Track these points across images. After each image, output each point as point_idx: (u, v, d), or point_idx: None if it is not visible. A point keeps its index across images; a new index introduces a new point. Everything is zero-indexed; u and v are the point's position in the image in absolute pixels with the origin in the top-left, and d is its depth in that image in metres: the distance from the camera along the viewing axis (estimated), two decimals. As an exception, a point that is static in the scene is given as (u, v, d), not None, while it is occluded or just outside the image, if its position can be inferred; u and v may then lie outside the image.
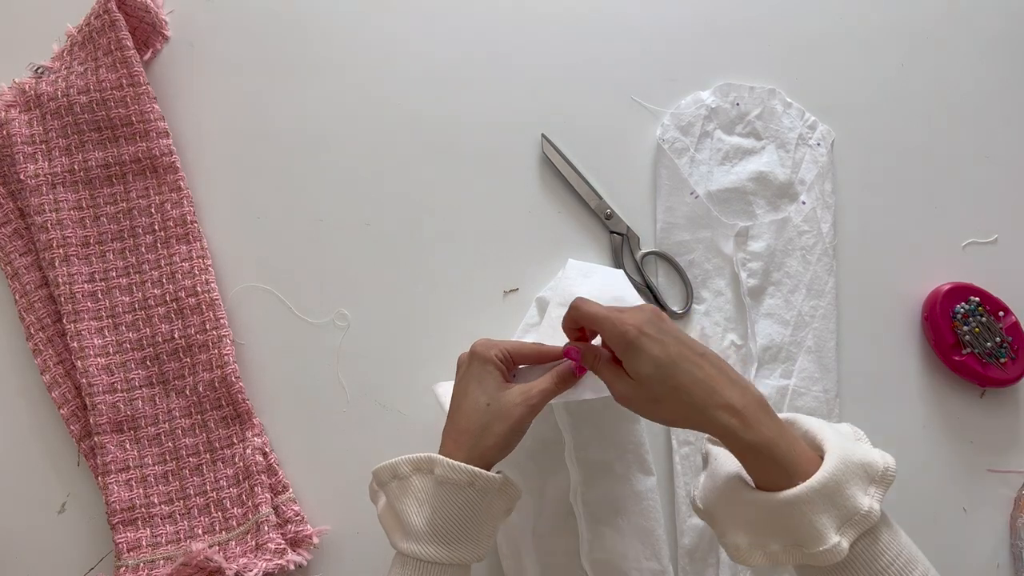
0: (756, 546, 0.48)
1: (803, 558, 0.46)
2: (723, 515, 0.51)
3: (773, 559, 0.47)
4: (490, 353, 0.54)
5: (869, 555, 0.45)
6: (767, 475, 0.47)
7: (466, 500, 0.50)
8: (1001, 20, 0.80)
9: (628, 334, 0.50)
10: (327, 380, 0.71)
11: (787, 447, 0.47)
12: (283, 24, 0.78)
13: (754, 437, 0.47)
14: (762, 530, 0.48)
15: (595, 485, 0.67)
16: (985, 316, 0.71)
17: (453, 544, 0.50)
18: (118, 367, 0.70)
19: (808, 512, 0.45)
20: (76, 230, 0.72)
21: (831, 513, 0.45)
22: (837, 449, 0.47)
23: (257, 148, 0.76)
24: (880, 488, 0.46)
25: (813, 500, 0.45)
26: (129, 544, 0.66)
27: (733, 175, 0.75)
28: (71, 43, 0.75)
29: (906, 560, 0.45)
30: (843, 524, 0.45)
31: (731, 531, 0.50)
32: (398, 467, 0.53)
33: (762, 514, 0.47)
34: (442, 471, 0.50)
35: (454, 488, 0.50)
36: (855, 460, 0.46)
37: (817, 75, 0.78)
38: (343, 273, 0.74)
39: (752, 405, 0.48)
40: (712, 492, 0.52)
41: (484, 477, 0.51)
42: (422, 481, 0.52)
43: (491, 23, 0.78)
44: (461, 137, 0.76)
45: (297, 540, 0.67)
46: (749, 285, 0.72)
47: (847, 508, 0.45)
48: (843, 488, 0.45)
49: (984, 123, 0.78)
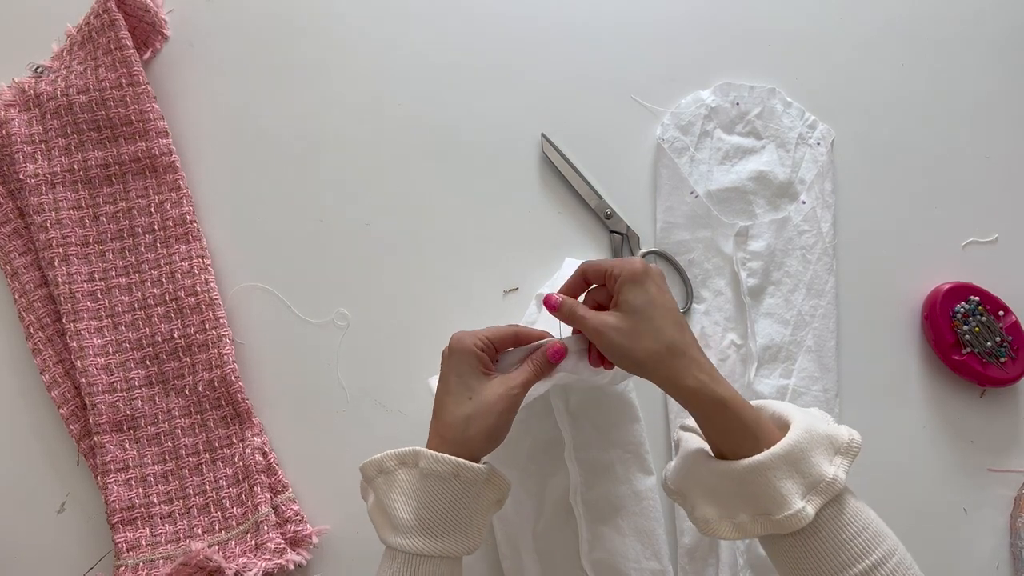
0: (724, 517, 0.49)
1: (770, 526, 0.47)
2: (691, 490, 0.52)
3: (742, 530, 0.48)
4: (468, 343, 0.54)
5: (835, 524, 0.46)
6: (732, 438, 0.48)
7: (452, 491, 0.50)
8: (1001, 20, 0.80)
9: (637, 268, 0.52)
10: (327, 380, 0.71)
11: (751, 412, 0.49)
12: (283, 24, 0.78)
13: (723, 392, 0.49)
14: (729, 500, 0.49)
15: (595, 485, 0.67)
16: (985, 316, 0.71)
17: (441, 536, 0.50)
18: (117, 367, 0.69)
19: (773, 478, 0.46)
20: (75, 229, 0.72)
21: (796, 480, 0.46)
22: (802, 422, 0.48)
23: (257, 148, 0.76)
24: (845, 459, 0.47)
25: (778, 466, 0.46)
26: (128, 544, 0.66)
27: (733, 174, 0.75)
28: (71, 43, 0.75)
29: (872, 534, 0.46)
30: (808, 491, 0.46)
31: (700, 505, 0.51)
32: (384, 462, 0.53)
33: (728, 484, 0.48)
34: (427, 463, 0.51)
35: (439, 480, 0.50)
36: (820, 432, 0.48)
37: (817, 75, 0.78)
38: (343, 273, 0.73)
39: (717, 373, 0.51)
40: (680, 470, 0.54)
41: (469, 468, 0.50)
42: (408, 474, 0.52)
43: (491, 23, 0.78)
44: (461, 137, 0.76)
45: (297, 540, 0.67)
46: (749, 284, 0.72)
47: (812, 475, 0.46)
48: (808, 455, 0.46)
49: (984, 123, 0.78)
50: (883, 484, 0.69)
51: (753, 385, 0.70)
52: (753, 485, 0.47)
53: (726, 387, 0.50)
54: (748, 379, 0.70)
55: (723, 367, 0.71)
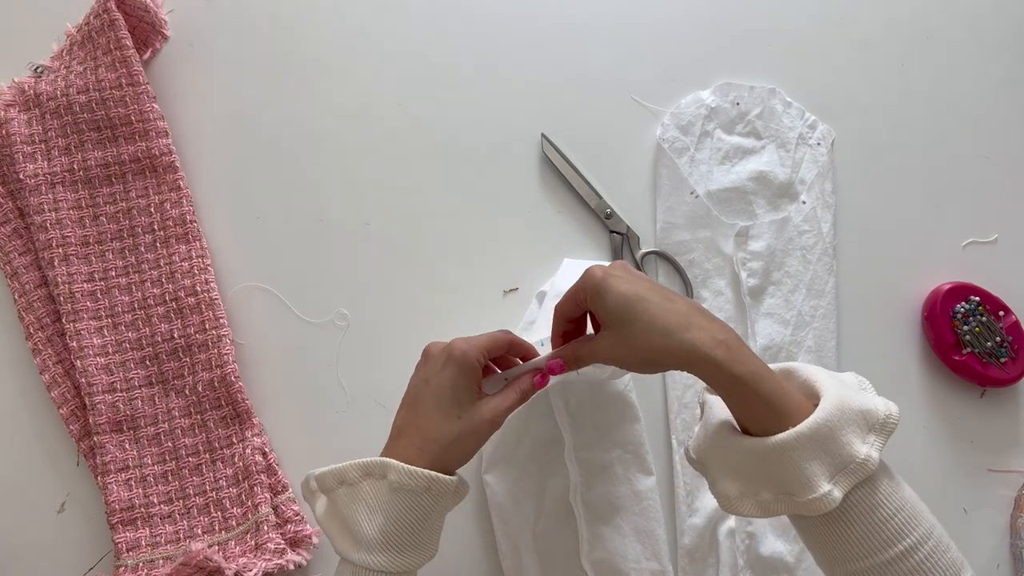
0: (747, 494, 0.46)
1: (794, 507, 0.44)
2: (713, 463, 0.49)
3: (764, 508, 0.45)
4: (472, 358, 0.51)
5: (866, 506, 0.43)
6: (754, 415, 0.45)
7: (420, 505, 0.49)
8: (1001, 20, 0.80)
9: (594, 277, 0.49)
10: (327, 380, 0.71)
11: (775, 385, 0.45)
12: (283, 24, 0.78)
13: (739, 369, 0.45)
14: (752, 478, 0.46)
15: (595, 485, 0.67)
16: (985, 316, 0.71)
17: (405, 551, 0.48)
18: (117, 367, 0.69)
19: (798, 459, 0.43)
20: (75, 229, 0.72)
21: (823, 460, 0.43)
22: (833, 396, 0.44)
23: (257, 148, 0.76)
24: (880, 436, 0.44)
25: (804, 446, 0.43)
26: (128, 544, 0.66)
27: (733, 175, 0.75)
28: (70, 42, 0.75)
29: (908, 515, 0.43)
30: (837, 472, 0.43)
31: (721, 479, 0.48)
32: (346, 472, 0.50)
33: (752, 461, 0.45)
34: (397, 477, 0.48)
35: (409, 494, 0.48)
36: (853, 406, 0.44)
37: (817, 75, 0.78)
38: (343, 273, 0.73)
39: (733, 339, 0.46)
40: (704, 440, 0.50)
41: (441, 482, 0.49)
42: (374, 487, 0.49)
43: (491, 23, 0.78)
44: (461, 137, 0.76)
45: (296, 540, 0.67)
46: (749, 285, 0.72)
47: (841, 456, 0.43)
48: (837, 435, 0.43)
49: (984, 123, 0.78)
50: (883, 484, 0.69)
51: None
52: (777, 465, 0.44)
53: (741, 360, 0.45)
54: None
55: (723, 367, 0.71)
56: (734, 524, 0.68)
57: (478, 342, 0.52)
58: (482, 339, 0.52)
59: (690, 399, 0.70)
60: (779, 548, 0.67)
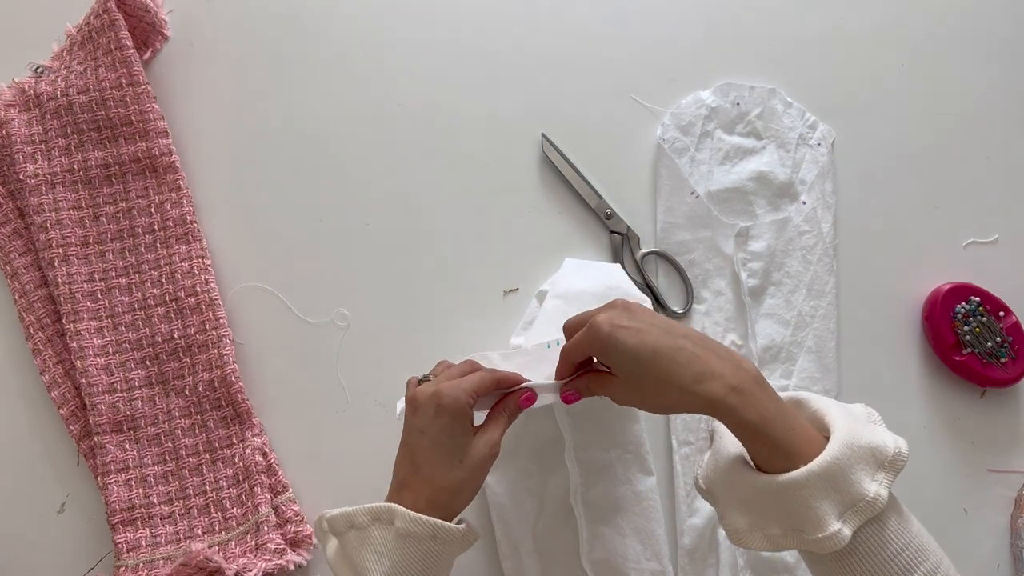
0: (756, 528, 0.47)
1: (804, 544, 0.44)
2: (724, 496, 0.50)
3: (773, 543, 0.46)
4: (463, 403, 0.51)
5: (875, 543, 0.43)
6: (765, 456, 0.46)
7: (427, 552, 0.49)
8: (1001, 20, 0.80)
9: (601, 332, 0.49)
10: (327, 380, 0.71)
11: (785, 427, 0.45)
12: (283, 24, 0.78)
13: (750, 416, 0.45)
14: (762, 513, 0.46)
15: (595, 485, 0.67)
16: (985, 316, 0.71)
17: None
18: (117, 367, 0.69)
19: (808, 497, 0.43)
20: (75, 230, 0.72)
21: (833, 499, 0.43)
22: (843, 432, 0.45)
23: (257, 148, 0.76)
24: (890, 474, 0.44)
25: (814, 484, 0.43)
26: (129, 544, 0.66)
27: (733, 175, 0.75)
28: (71, 43, 0.75)
29: (916, 550, 0.44)
30: (846, 510, 0.43)
31: (731, 513, 0.49)
32: (355, 517, 0.51)
33: (762, 497, 0.46)
34: (403, 524, 0.49)
35: (416, 541, 0.49)
36: (863, 444, 0.44)
37: (817, 75, 0.78)
38: (343, 273, 0.73)
39: (747, 382, 0.47)
40: (714, 471, 0.51)
41: (447, 530, 0.49)
42: (381, 532, 0.50)
43: (491, 22, 0.78)
44: (461, 137, 0.76)
45: (297, 540, 0.67)
46: (749, 285, 0.72)
47: (851, 494, 0.43)
48: (847, 473, 0.43)
49: (984, 123, 0.78)
50: (883, 484, 0.69)
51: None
52: (787, 502, 0.44)
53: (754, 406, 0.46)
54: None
55: (723, 367, 0.71)
56: (734, 524, 0.67)
57: (467, 385, 0.52)
58: (470, 382, 0.53)
59: (690, 399, 0.70)
60: (779, 548, 0.67)
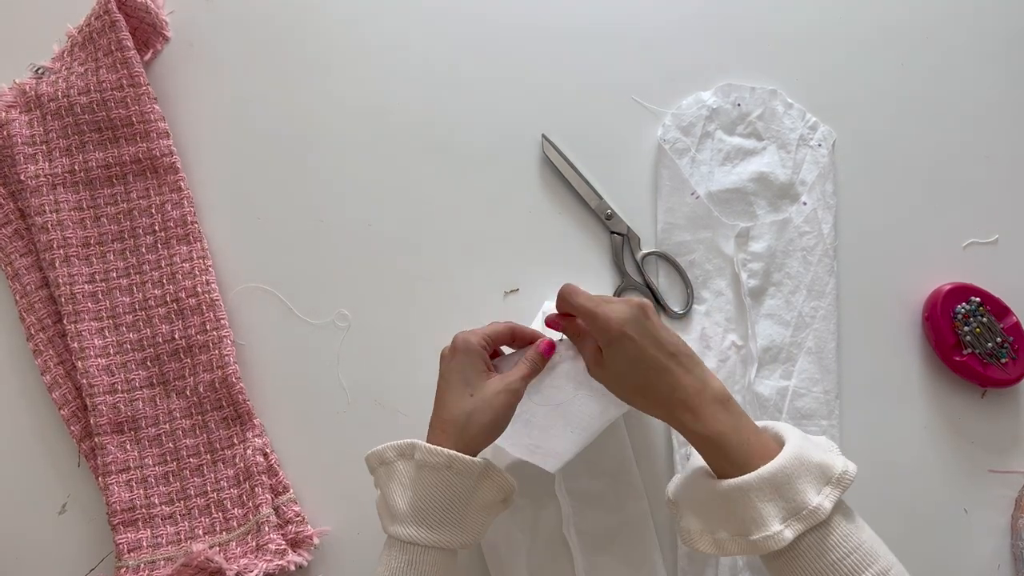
0: (706, 531, 0.51)
1: (747, 546, 0.48)
2: (683, 501, 0.55)
3: (720, 546, 0.50)
4: (472, 342, 0.56)
5: (817, 550, 0.47)
6: (721, 466, 0.50)
7: (445, 482, 0.52)
8: (1002, 20, 0.80)
9: (611, 331, 0.53)
10: (327, 381, 0.71)
11: (740, 441, 0.50)
12: (283, 24, 0.78)
13: (704, 429, 0.51)
14: (713, 516, 0.51)
15: (587, 515, 0.66)
16: (986, 316, 0.71)
17: (436, 527, 0.52)
18: (118, 368, 0.70)
19: (754, 499, 0.47)
20: (76, 231, 0.72)
21: (777, 504, 0.47)
22: (794, 447, 0.49)
23: (257, 148, 0.76)
24: (836, 489, 0.48)
25: (760, 488, 0.47)
26: (130, 545, 0.66)
27: (734, 176, 0.75)
28: (71, 43, 0.75)
29: (863, 556, 0.47)
30: (789, 516, 0.47)
31: (687, 516, 0.53)
32: (384, 453, 0.55)
33: (713, 500, 0.50)
34: (421, 455, 0.53)
35: (433, 471, 0.52)
36: (812, 460, 0.49)
37: (818, 76, 0.78)
38: (343, 273, 0.73)
39: (708, 401, 0.52)
40: (680, 482, 0.56)
41: (461, 460, 0.52)
42: (405, 466, 0.54)
43: (492, 23, 0.78)
44: (461, 137, 0.76)
45: (297, 541, 0.67)
46: (750, 286, 0.72)
47: (795, 502, 0.47)
48: (793, 482, 0.47)
49: (984, 123, 0.78)
50: (884, 484, 0.69)
51: (753, 386, 0.70)
52: (735, 504, 0.48)
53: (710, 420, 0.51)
54: (748, 380, 0.70)
55: (723, 368, 0.71)
56: (734, 525, 0.68)
57: (479, 330, 0.58)
58: (484, 328, 0.58)
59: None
60: (780, 549, 0.67)
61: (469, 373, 0.55)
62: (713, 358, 0.71)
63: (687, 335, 0.72)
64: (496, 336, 0.58)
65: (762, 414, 0.70)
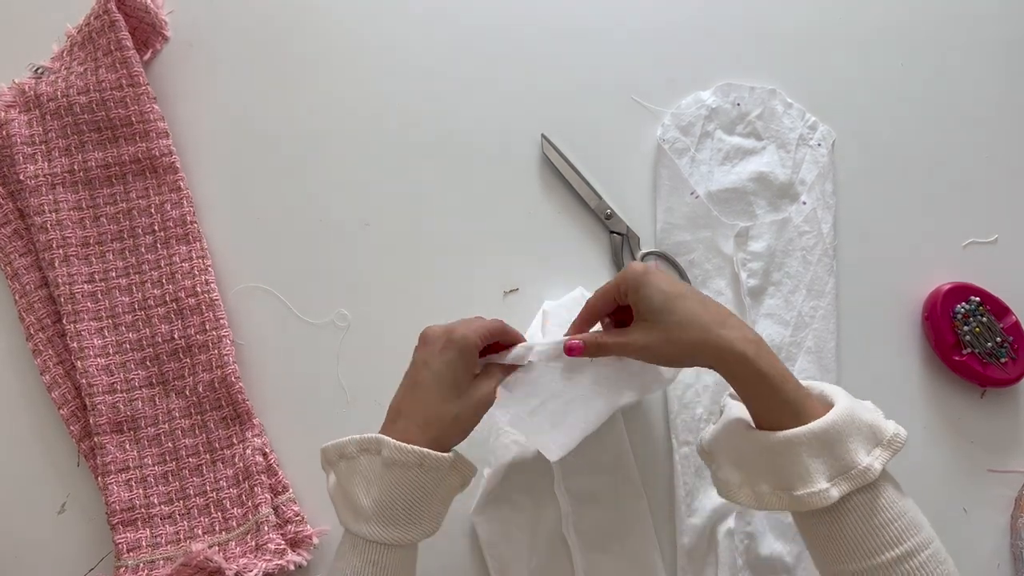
0: (746, 484, 0.49)
1: (789, 501, 0.46)
2: (721, 452, 0.52)
3: (760, 500, 0.48)
4: (472, 340, 0.53)
5: (866, 510, 0.45)
6: (772, 410, 0.48)
7: (414, 480, 0.50)
8: (1001, 20, 0.80)
9: (636, 271, 0.52)
10: (327, 380, 0.71)
11: (796, 386, 0.48)
12: (283, 24, 0.78)
13: (767, 367, 0.48)
14: (755, 468, 0.49)
15: (586, 514, 0.66)
16: (986, 316, 0.71)
17: (401, 525, 0.50)
18: (118, 367, 0.70)
19: (803, 454, 0.45)
20: (76, 230, 0.72)
21: (826, 461, 0.45)
22: (845, 405, 0.47)
23: (257, 148, 0.76)
24: (886, 451, 0.47)
25: (810, 443, 0.45)
26: (129, 544, 0.66)
27: (734, 175, 0.75)
28: (71, 43, 0.75)
29: (907, 523, 0.45)
30: (837, 475, 0.45)
31: (725, 467, 0.51)
32: (345, 447, 0.52)
33: (758, 452, 0.48)
34: (389, 453, 0.50)
35: (402, 468, 0.50)
36: (864, 419, 0.47)
37: (818, 75, 0.78)
38: (343, 273, 0.73)
39: (762, 341, 0.49)
40: (717, 432, 0.53)
41: (433, 458, 0.50)
42: (370, 461, 0.51)
43: (491, 23, 0.78)
44: (461, 137, 0.76)
45: (297, 540, 0.67)
46: (749, 285, 0.72)
47: (844, 460, 0.45)
48: (844, 440, 0.45)
49: (984, 123, 0.78)
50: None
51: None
52: (782, 458, 0.46)
53: (768, 360, 0.48)
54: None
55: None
56: (733, 524, 0.67)
57: (477, 326, 0.55)
58: (481, 324, 0.55)
59: (690, 399, 0.70)
60: (778, 548, 0.67)
61: (461, 374, 0.53)
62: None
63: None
64: (491, 334, 0.56)
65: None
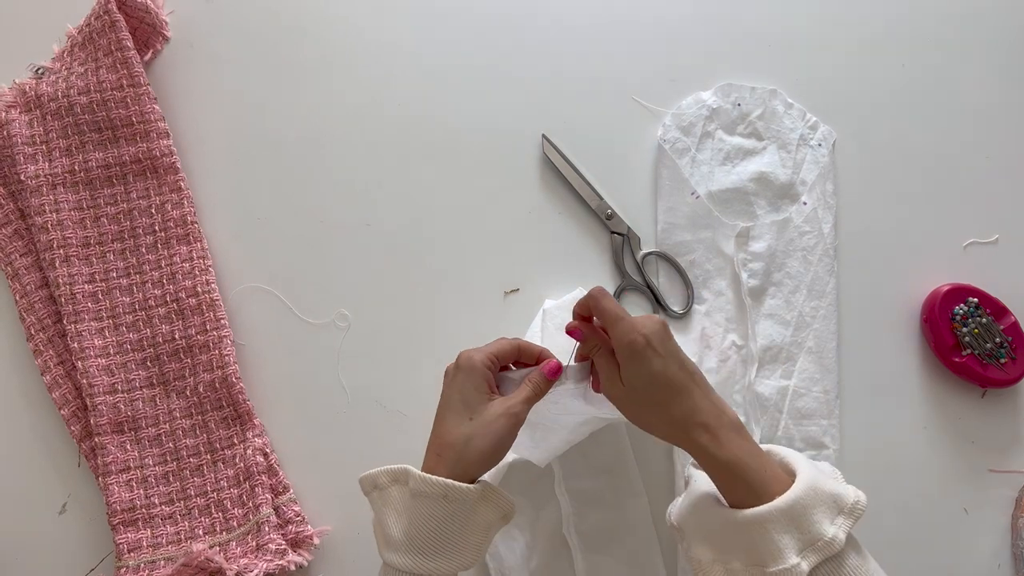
0: (718, 561, 0.49)
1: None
2: (691, 529, 0.53)
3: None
4: (476, 361, 0.53)
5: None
6: (737, 493, 0.49)
7: (441, 512, 0.50)
8: (1002, 20, 0.80)
9: (636, 343, 0.51)
10: (327, 381, 0.71)
11: (758, 468, 0.49)
12: (283, 25, 0.78)
13: (725, 455, 0.49)
14: (726, 546, 0.49)
15: (587, 514, 0.66)
16: (984, 317, 0.71)
17: (432, 555, 0.49)
18: (119, 368, 0.70)
19: (771, 531, 0.46)
20: (76, 231, 0.72)
21: (794, 535, 0.46)
22: (807, 476, 0.48)
23: (257, 148, 0.76)
24: (848, 519, 0.47)
25: (777, 520, 0.46)
26: (130, 545, 0.66)
27: (734, 175, 0.75)
28: (71, 43, 0.75)
29: None
30: (805, 548, 0.46)
31: (696, 545, 0.51)
32: (377, 478, 0.53)
33: (727, 530, 0.49)
34: (415, 484, 0.50)
35: (428, 500, 0.50)
36: (825, 490, 0.48)
37: (818, 75, 0.78)
38: (343, 273, 0.73)
39: (725, 426, 0.50)
40: (686, 508, 0.54)
41: (457, 489, 0.50)
42: (399, 492, 0.51)
43: (492, 23, 0.78)
44: (462, 137, 0.76)
45: (298, 541, 0.67)
46: (750, 285, 0.72)
47: (811, 533, 0.46)
48: (809, 513, 0.46)
49: (984, 123, 0.78)
50: (884, 484, 0.69)
51: (754, 386, 0.70)
52: (752, 535, 0.47)
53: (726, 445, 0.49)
54: (748, 380, 0.70)
55: (724, 368, 0.71)
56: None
57: (485, 348, 0.54)
58: (489, 346, 0.55)
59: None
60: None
61: (470, 394, 0.52)
62: (713, 358, 0.71)
63: (687, 335, 0.72)
64: (502, 354, 0.55)
65: (762, 414, 0.70)
